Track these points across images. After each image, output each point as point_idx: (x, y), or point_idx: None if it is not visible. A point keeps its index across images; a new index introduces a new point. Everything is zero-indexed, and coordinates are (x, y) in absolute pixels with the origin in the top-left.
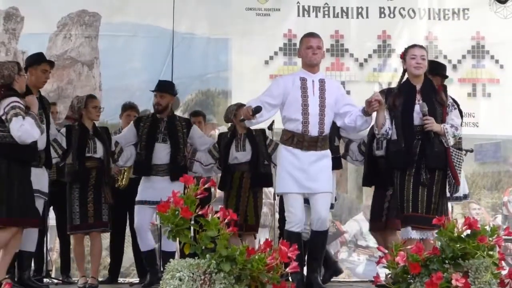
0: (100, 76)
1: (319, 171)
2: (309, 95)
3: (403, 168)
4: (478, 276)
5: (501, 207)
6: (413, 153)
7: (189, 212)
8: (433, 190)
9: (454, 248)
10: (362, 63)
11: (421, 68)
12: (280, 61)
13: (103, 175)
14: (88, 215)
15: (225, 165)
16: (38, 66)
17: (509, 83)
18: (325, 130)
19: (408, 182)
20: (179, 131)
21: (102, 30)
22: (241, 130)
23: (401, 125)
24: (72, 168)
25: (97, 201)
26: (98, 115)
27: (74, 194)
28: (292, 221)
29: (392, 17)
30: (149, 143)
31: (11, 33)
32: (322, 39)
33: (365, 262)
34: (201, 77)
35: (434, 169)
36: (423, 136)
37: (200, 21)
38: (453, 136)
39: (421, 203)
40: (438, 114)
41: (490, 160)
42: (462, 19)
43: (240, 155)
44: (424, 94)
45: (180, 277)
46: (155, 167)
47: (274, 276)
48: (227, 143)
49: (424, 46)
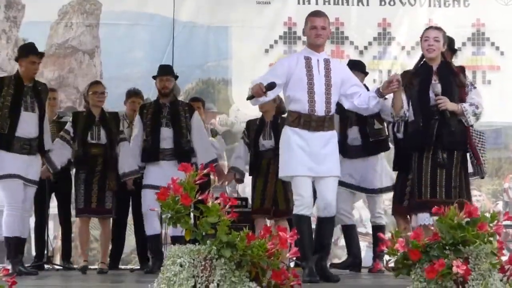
0: (101, 65)
1: (327, 154)
2: (314, 74)
3: (421, 150)
4: (479, 262)
5: (502, 193)
6: (431, 133)
7: (189, 198)
8: (452, 173)
9: (454, 234)
10: (362, 50)
11: (433, 50)
12: (280, 49)
13: (108, 162)
14: (92, 200)
15: (255, 151)
16: (26, 58)
17: (509, 70)
18: (332, 110)
19: (426, 165)
20: (182, 115)
21: (103, 18)
22: (268, 118)
23: (418, 105)
24: (77, 154)
25: (101, 187)
26: (99, 101)
27: (81, 179)
28: (301, 204)
29: (392, 5)
30: (154, 128)
31: (12, 21)
32: (327, 17)
33: (365, 249)
34: (201, 66)
35: (452, 150)
36: (440, 116)
37: (201, 9)
38: (473, 115)
39: (439, 188)
40: (455, 95)
41: (491, 147)
42: (462, 6)
43: (266, 142)
44: (440, 74)
45: (181, 263)
46: (161, 151)
47: (274, 262)
48: (257, 130)
49: (440, 27)
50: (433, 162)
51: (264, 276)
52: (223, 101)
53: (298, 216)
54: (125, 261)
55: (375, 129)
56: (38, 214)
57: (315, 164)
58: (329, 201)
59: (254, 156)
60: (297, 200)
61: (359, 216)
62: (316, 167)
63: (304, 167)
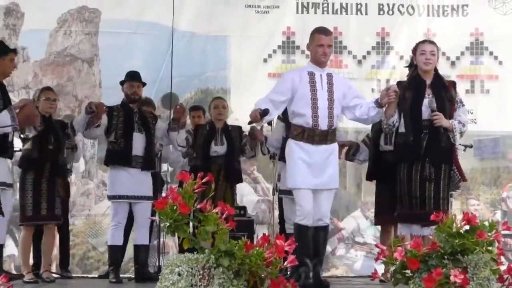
0: (100, 73)
1: (328, 167)
2: (317, 89)
3: (410, 162)
4: (477, 271)
5: (500, 203)
6: (420, 146)
7: (187, 207)
8: (440, 185)
9: (453, 244)
10: (361, 60)
11: (430, 63)
12: (279, 59)
13: (56, 167)
14: (41, 207)
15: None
16: (6, 56)
17: (507, 79)
18: (334, 123)
19: (415, 177)
20: (150, 122)
21: (102, 26)
22: (219, 124)
23: (410, 118)
24: (29, 154)
25: (51, 193)
26: (49, 107)
27: (28, 185)
28: (302, 215)
29: (391, 14)
30: (127, 132)
31: (12, 28)
32: (332, 34)
33: (363, 258)
34: (200, 75)
35: (440, 164)
36: (430, 130)
37: (200, 18)
38: (460, 133)
39: (428, 199)
40: (447, 110)
41: (489, 156)
42: (461, 16)
43: (219, 148)
44: (434, 89)
45: (179, 272)
46: (133, 157)
47: (272, 271)
48: (207, 135)
49: (434, 42)
50: (422, 175)
51: (262, 285)
52: None
53: (299, 226)
54: (122, 270)
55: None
56: None
57: (316, 176)
58: (324, 212)
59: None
60: (298, 211)
61: (357, 225)
62: (316, 180)
63: (305, 180)
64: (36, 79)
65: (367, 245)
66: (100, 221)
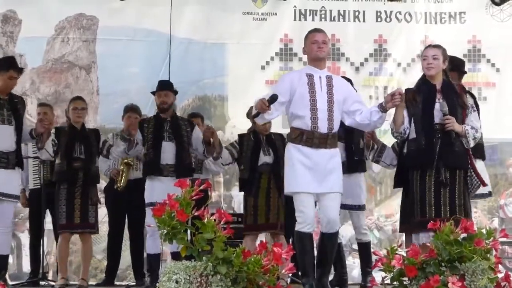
0: (98, 80)
1: (330, 171)
2: (316, 90)
3: (423, 168)
4: (475, 279)
5: (497, 210)
6: (433, 151)
7: (185, 214)
8: (455, 191)
9: (450, 251)
10: (358, 67)
11: (432, 68)
12: (276, 66)
13: (90, 176)
14: (75, 216)
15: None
16: (6, 72)
17: (505, 86)
18: (334, 127)
19: (429, 184)
20: (183, 130)
21: (99, 33)
22: (262, 133)
23: (421, 123)
24: (60, 167)
25: (84, 202)
26: (78, 116)
27: (62, 194)
28: (303, 221)
29: (388, 21)
30: (156, 141)
31: (9, 36)
32: (326, 34)
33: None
34: (197, 82)
35: (455, 169)
36: (442, 135)
37: (197, 26)
38: (473, 138)
39: (444, 207)
40: (459, 115)
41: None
42: (458, 23)
43: (268, 158)
44: (444, 93)
45: (176, 279)
46: (163, 166)
47: (270, 279)
48: (254, 147)
49: (440, 45)
50: (436, 181)
51: None
52: (219, 118)
53: (299, 233)
54: (120, 277)
55: (360, 148)
56: (33, 230)
57: (317, 181)
58: (332, 218)
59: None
60: (299, 217)
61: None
62: (318, 184)
63: (305, 183)
64: (34, 86)
65: None
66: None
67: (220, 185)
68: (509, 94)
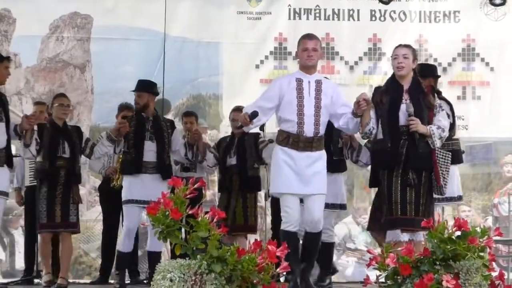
0: (92, 79)
1: (314, 173)
2: (304, 96)
3: (390, 168)
4: (469, 277)
5: (491, 209)
6: (400, 153)
7: (179, 213)
8: (420, 191)
9: (444, 250)
10: (353, 66)
11: (403, 68)
12: (271, 65)
13: (72, 175)
14: (56, 215)
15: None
16: (1, 63)
17: (499, 85)
18: (320, 131)
19: (395, 183)
20: (165, 130)
21: (94, 32)
22: (237, 135)
23: (387, 124)
24: (41, 166)
25: (65, 201)
26: (64, 113)
27: (43, 193)
28: (288, 221)
29: (383, 20)
30: (137, 140)
31: (3, 35)
32: (319, 40)
33: (354, 264)
34: (192, 81)
35: (420, 170)
36: (409, 136)
37: (192, 24)
38: (439, 138)
39: (409, 205)
40: (424, 116)
41: (481, 162)
42: (453, 22)
43: (232, 160)
44: (411, 94)
45: (171, 277)
46: (144, 164)
47: (264, 277)
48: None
49: (409, 45)
50: (403, 181)
51: None
52: (213, 117)
53: (284, 232)
54: (114, 276)
55: (338, 147)
56: (28, 227)
57: (302, 182)
58: (316, 218)
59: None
60: (284, 217)
61: (348, 231)
62: (302, 186)
63: (291, 185)
64: (28, 85)
65: (358, 251)
66: (92, 227)
67: (215, 184)
68: (503, 93)
